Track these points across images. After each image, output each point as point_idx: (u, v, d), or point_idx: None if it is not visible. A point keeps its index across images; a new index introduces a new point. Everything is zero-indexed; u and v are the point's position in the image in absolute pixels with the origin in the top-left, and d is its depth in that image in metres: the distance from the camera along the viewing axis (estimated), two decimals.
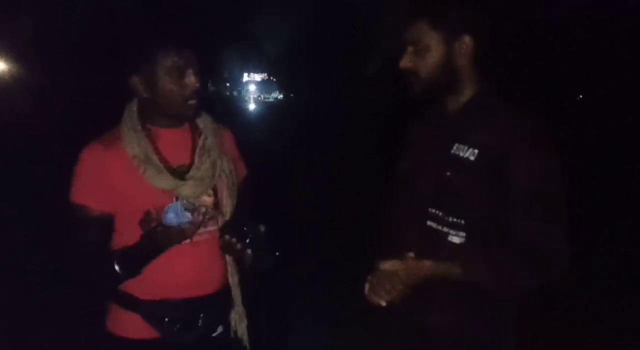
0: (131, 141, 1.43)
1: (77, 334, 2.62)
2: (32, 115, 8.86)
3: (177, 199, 1.43)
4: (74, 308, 2.96)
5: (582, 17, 17.06)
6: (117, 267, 1.37)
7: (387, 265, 1.31)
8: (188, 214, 1.41)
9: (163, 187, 1.42)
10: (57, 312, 3.13)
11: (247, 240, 1.40)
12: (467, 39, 1.35)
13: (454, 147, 1.36)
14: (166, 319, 1.44)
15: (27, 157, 6.61)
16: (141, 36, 1.45)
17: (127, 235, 1.42)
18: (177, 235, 1.34)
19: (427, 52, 1.35)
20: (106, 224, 1.43)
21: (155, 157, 1.43)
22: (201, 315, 1.49)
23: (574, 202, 1.31)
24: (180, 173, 1.46)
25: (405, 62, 1.39)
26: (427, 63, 1.36)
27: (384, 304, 1.32)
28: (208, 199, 1.50)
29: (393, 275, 1.30)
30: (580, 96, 20.61)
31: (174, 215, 1.39)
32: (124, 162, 1.42)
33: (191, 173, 1.47)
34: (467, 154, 1.33)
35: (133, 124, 1.46)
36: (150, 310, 1.44)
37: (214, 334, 1.55)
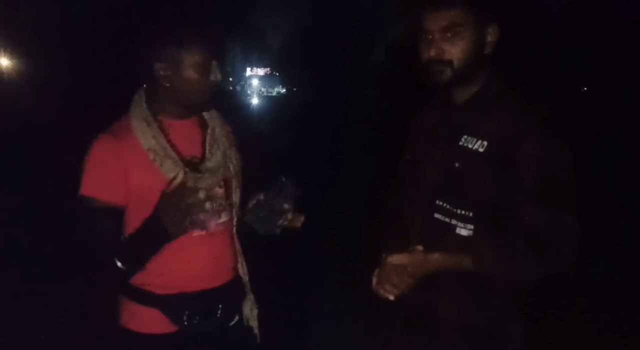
0: (145, 133, 1.40)
1: (89, 332, 2.63)
2: (33, 108, 8.87)
3: None
4: (87, 306, 2.97)
5: (586, 9, 16.96)
6: (119, 264, 1.33)
7: (395, 258, 1.29)
8: None
9: (180, 180, 1.39)
10: (70, 311, 3.13)
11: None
12: (495, 27, 1.34)
13: (463, 139, 1.35)
14: (186, 312, 1.43)
15: (27, 151, 6.62)
16: (168, 21, 1.43)
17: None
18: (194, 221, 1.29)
19: (462, 38, 1.31)
20: (117, 217, 1.39)
21: (171, 150, 1.41)
22: (220, 305, 1.50)
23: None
24: (194, 165, 1.45)
25: (438, 51, 1.33)
26: (462, 50, 1.32)
27: (392, 298, 1.31)
28: (220, 191, 1.50)
29: (401, 268, 1.28)
30: (585, 88, 20.53)
31: None
32: (138, 154, 1.39)
33: (205, 165, 1.47)
34: (476, 146, 1.32)
35: (144, 116, 1.43)
36: (169, 304, 1.43)
37: (231, 323, 1.56)
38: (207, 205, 1.29)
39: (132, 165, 1.38)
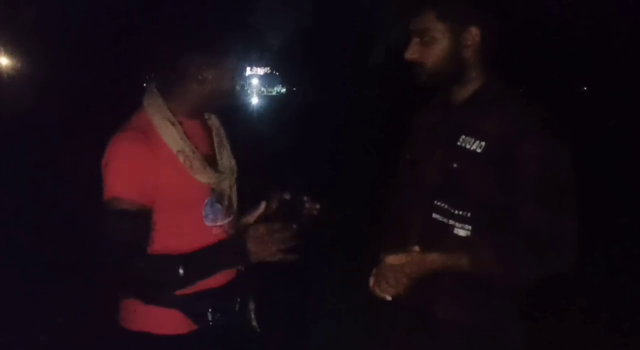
0: (173, 135, 1.38)
1: (89, 332, 2.63)
2: (33, 107, 8.87)
3: (213, 191, 1.44)
4: (87, 306, 2.97)
5: (586, 9, 16.96)
6: (181, 271, 1.30)
7: (392, 259, 1.30)
8: (219, 206, 1.45)
9: (208, 181, 1.41)
10: (70, 311, 3.12)
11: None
12: (474, 31, 1.34)
13: (461, 139, 1.36)
14: (208, 310, 1.43)
15: (27, 151, 6.61)
16: (217, 28, 1.43)
17: (162, 231, 1.38)
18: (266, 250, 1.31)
19: (434, 43, 1.35)
20: (148, 219, 1.36)
21: (197, 152, 1.41)
22: (238, 299, 1.51)
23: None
24: (214, 165, 1.47)
25: (412, 53, 1.38)
26: (434, 54, 1.36)
27: (389, 298, 1.31)
28: (227, 189, 1.52)
29: (398, 269, 1.29)
30: (585, 88, 20.55)
31: (210, 208, 1.43)
32: (164, 153, 1.36)
33: (219, 164, 1.49)
34: (474, 146, 1.33)
35: (167, 116, 1.40)
36: (189, 303, 1.41)
37: (242, 317, 1.57)
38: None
39: (160, 164, 1.35)
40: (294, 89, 34.79)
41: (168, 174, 1.36)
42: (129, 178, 1.32)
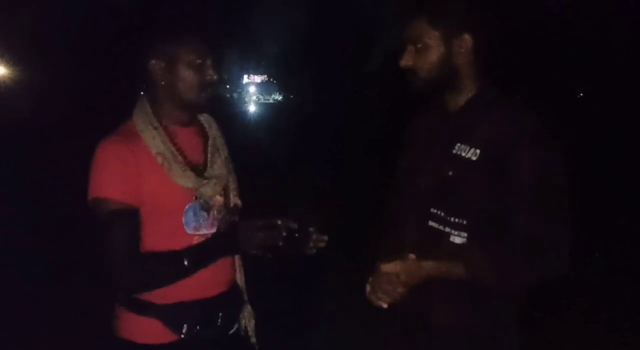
0: (153, 138, 1.39)
1: (89, 333, 2.62)
2: (33, 108, 8.88)
3: (196, 197, 1.43)
4: (87, 306, 2.96)
5: (583, 13, 16.96)
6: (186, 263, 1.36)
7: (388, 267, 1.29)
8: (205, 214, 1.44)
9: (187, 185, 1.40)
10: (69, 311, 3.11)
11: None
12: (466, 38, 1.35)
13: (456, 147, 1.36)
14: (187, 321, 1.42)
15: (27, 152, 6.61)
16: (165, 20, 1.44)
17: (147, 234, 1.38)
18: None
19: (427, 50, 1.35)
20: (136, 219, 1.35)
21: (178, 155, 1.41)
22: (220, 314, 1.49)
23: (574, 200, 1.29)
24: (199, 171, 1.45)
25: (405, 61, 1.39)
26: (427, 61, 1.36)
27: (385, 306, 1.31)
28: (220, 199, 1.50)
29: (393, 277, 1.28)
30: (581, 94, 20.55)
31: (193, 214, 1.42)
32: (146, 158, 1.37)
33: (208, 172, 1.47)
34: (469, 154, 1.33)
35: (150, 121, 1.42)
36: (169, 314, 1.41)
37: (230, 332, 1.55)
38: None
39: (145, 170, 1.36)
40: (291, 96, 34.85)
41: (150, 177, 1.36)
42: (113, 179, 1.34)
